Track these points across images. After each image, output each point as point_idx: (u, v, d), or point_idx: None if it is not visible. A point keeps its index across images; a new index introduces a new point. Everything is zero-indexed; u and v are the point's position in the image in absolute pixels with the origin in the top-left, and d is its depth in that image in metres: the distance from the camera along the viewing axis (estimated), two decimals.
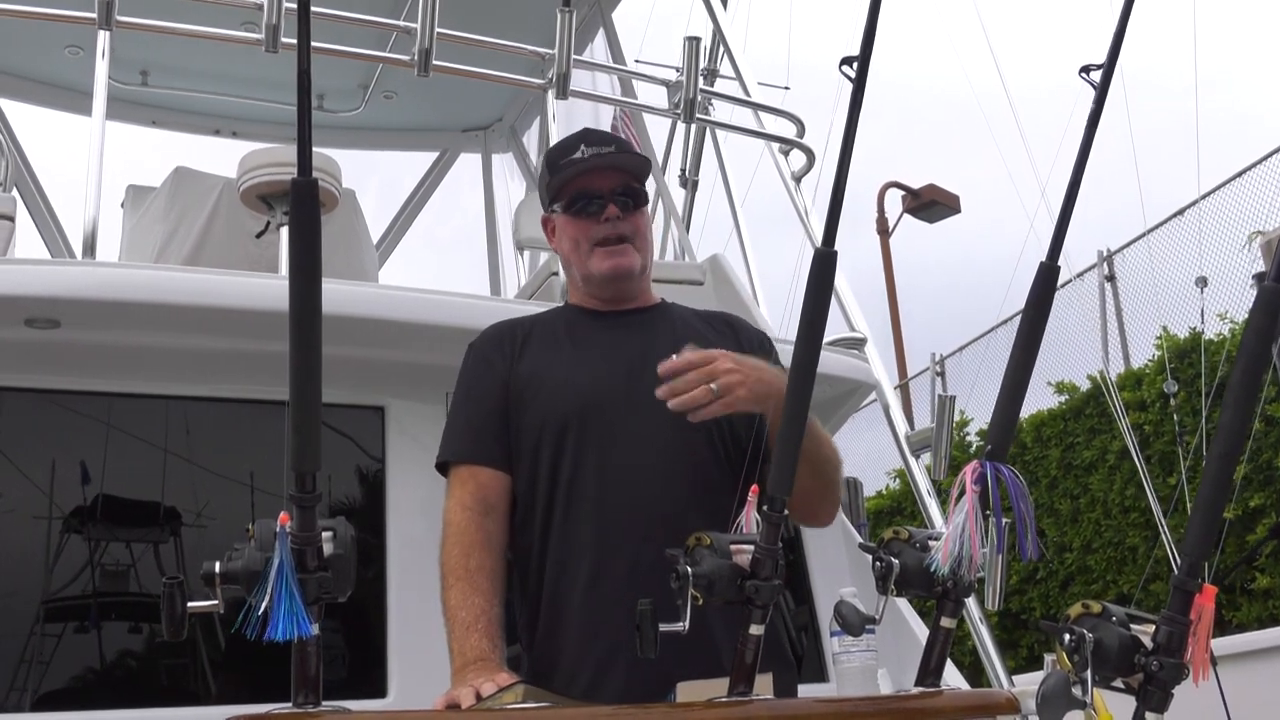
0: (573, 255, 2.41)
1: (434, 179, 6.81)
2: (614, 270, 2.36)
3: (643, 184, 2.42)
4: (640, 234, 2.40)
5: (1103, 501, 8.46)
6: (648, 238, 2.44)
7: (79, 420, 3.14)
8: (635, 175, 2.40)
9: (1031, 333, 1.91)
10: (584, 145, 2.39)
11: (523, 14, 5.05)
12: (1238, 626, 7.05)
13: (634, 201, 2.38)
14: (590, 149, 2.38)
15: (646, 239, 2.44)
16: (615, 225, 2.34)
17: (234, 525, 1.65)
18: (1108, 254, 10.27)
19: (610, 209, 2.34)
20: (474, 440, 2.32)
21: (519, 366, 2.34)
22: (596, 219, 2.35)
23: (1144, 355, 9.02)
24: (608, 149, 2.39)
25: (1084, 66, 1.86)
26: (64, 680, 2.95)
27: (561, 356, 2.35)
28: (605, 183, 2.36)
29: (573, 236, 2.39)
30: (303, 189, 1.52)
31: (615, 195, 2.35)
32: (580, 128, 2.59)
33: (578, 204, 2.37)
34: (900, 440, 4.04)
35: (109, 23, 3.45)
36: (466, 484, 2.26)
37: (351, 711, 1.59)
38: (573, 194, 2.37)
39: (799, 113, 4.70)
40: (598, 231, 2.35)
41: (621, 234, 2.35)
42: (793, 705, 1.97)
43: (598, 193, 2.35)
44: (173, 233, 4.35)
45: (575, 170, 2.37)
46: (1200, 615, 1.61)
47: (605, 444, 2.24)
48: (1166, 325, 8.42)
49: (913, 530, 1.88)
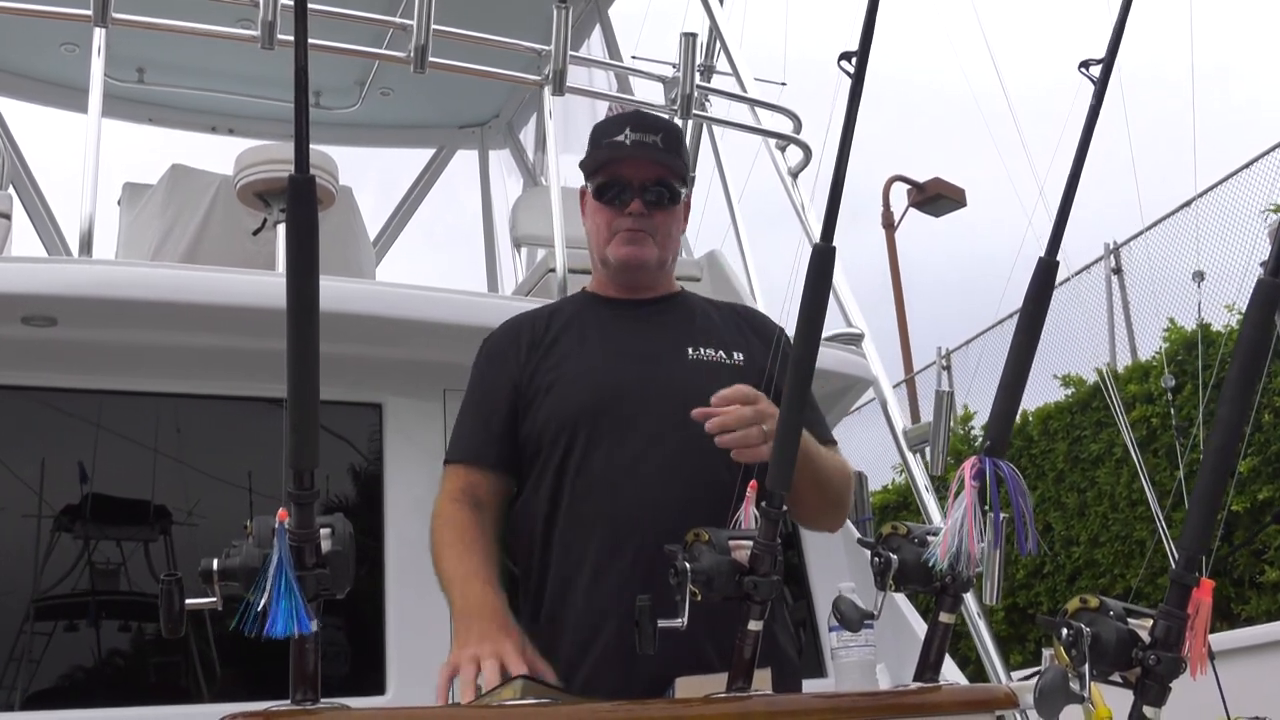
0: (595, 238, 2.42)
1: (431, 176, 6.80)
2: (627, 258, 2.36)
3: (678, 179, 2.38)
4: (664, 230, 2.38)
5: (1110, 495, 8.44)
6: (673, 235, 2.42)
7: (76, 418, 3.13)
8: (671, 168, 2.37)
9: (1031, 328, 1.91)
10: (629, 129, 2.35)
11: (519, 10, 5.05)
12: (1246, 620, 7.03)
13: (663, 199, 2.35)
14: (635, 134, 2.34)
15: (671, 236, 2.41)
16: (638, 220, 2.34)
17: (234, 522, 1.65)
18: (1114, 246, 10.25)
19: (635, 204, 2.33)
20: (469, 440, 2.34)
21: (532, 361, 2.34)
22: (621, 210, 2.35)
23: (1151, 347, 9.01)
24: (652, 137, 2.34)
25: (1083, 61, 1.87)
26: (55, 678, 2.95)
27: (576, 349, 2.35)
28: (638, 174, 2.34)
29: (597, 221, 2.39)
30: (300, 186, 1.52)
31: (645, 189, 2.33)
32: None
33: (607, 192, 2.36)
34: (898, 436, 4.05)
35: (105, 20, 3.45)
36: (456, 481, 2.29)
37: (350, 708, 1.59)
38: (604, 179, 2.37)
39: (796, 108, 4.70)
40: (620, 223, 2.35)
41: (643, 227, 2.35)
42: (791, 701, 1.97)
43: (627, 183, 2.34)
44: (169, 230, 4.34)
45: (608, 155, 2.35)
46: (1198, 609, 1.61)
47: (615, 439, 2.23)
48: (1173, 317, 8.41)
49: (911, 526, 1.88)
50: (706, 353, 2.33)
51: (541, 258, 4.43)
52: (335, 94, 6.15)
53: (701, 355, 2.32)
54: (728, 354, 2.35)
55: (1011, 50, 10.72)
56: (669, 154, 2.37)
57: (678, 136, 2.46)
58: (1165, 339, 8.36)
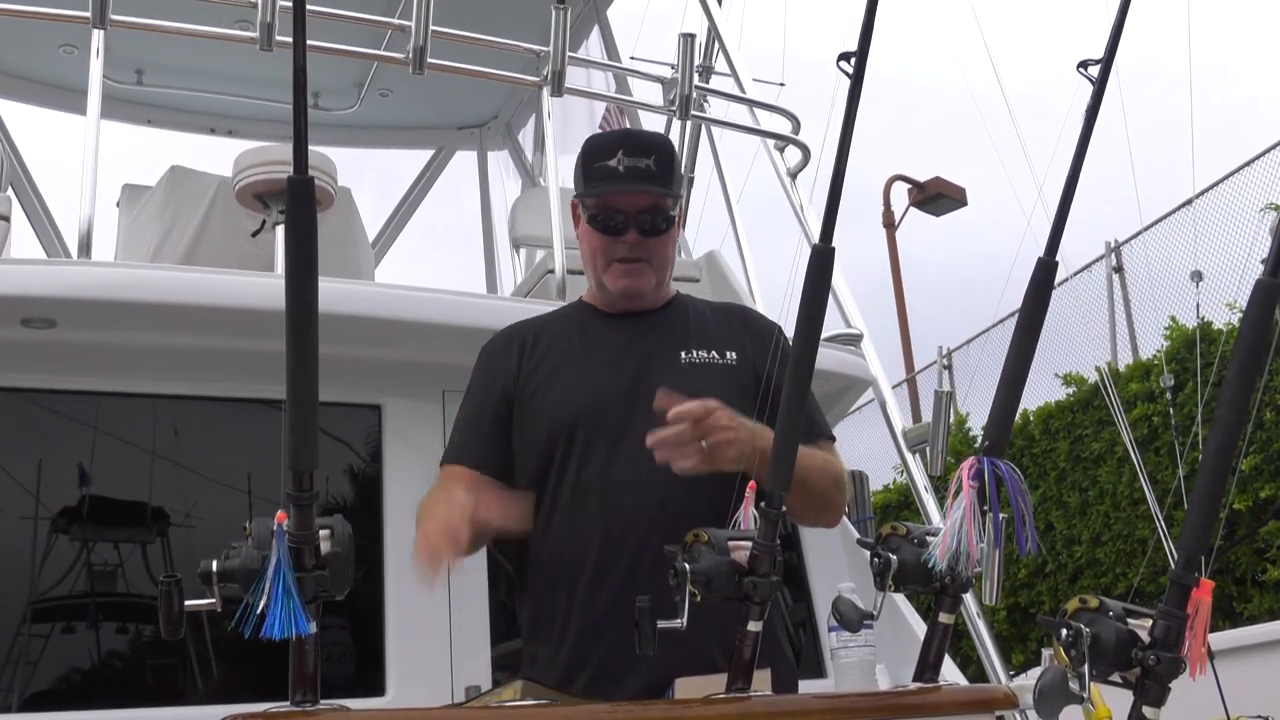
0: (590, 262, 2.40)
1: (429, 177, 6.80)
2: (626, 290, 2.35)
3: (671, 203, 2.34)
4: (659, 255, 2.35)
5: (1112, 494, 8.41)
6: (669, 256, 2.40)
7: (76, 420, 3.13)
8: (664, 193, 2.32)
9: (1030, 328, 1.91)
10: (622, 152, 2.31)
11: (517, 11, 5.05)
12: (1249, 618, 7.01)
13: (657, 226, 2.32)
14: (628, 160, 2.30)
15: (667, 258, 2.39)
16: (633, 249, 2.32)
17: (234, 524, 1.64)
18: (1115, 245, 10.22)
19: (630, 234, 2.31)
20: (462, 446, 2.36)
21: (527, 369, 2.35)
22: (616, 239, 2.32)
23: (1153, 346, 8.98)
24: (645, 161, 2.30)
25: (1081, 61, 1.86)
26: (53, 680, 2.94)
27: (571, 359, 2.35)
28: (633, 204, 2.30)
29: (592, 247, 2.36)
30: (299, 187, 1.52)
31: (639, 217, 2.30)
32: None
33: (600, 219, 2.32)
34: (897, 436, 4.05)
35: (103, 21, 3.45)
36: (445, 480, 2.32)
37: (350, 710, 1.59)
38: (597, 207, 2.33)
39: (794, 108, 4.70)
40: (616, 250, 2.33)
41: (639, 256, 2.33)
42: (791, 701, 1.97)
43: (622, 211, 2.30)
44: (168, 232, 4.34)
45: (601, 188, 2.32)
46: (1197, 609, 1.61)
47: (610, 446, 2.24)
48: (1175, 315, 8.40)
49: (911, 526, 1.88)
50: (699, 354, 2.33)
51: (540, 259, 4.43)
52: (334, 95, 6.15)
53: (695, 358, 2.32)
54: (720, 353, 2.35)
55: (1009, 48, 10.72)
56: (662, 178, 2.32)
57: (670, 154, 2.39)
58: (1167, 336, 8.34)
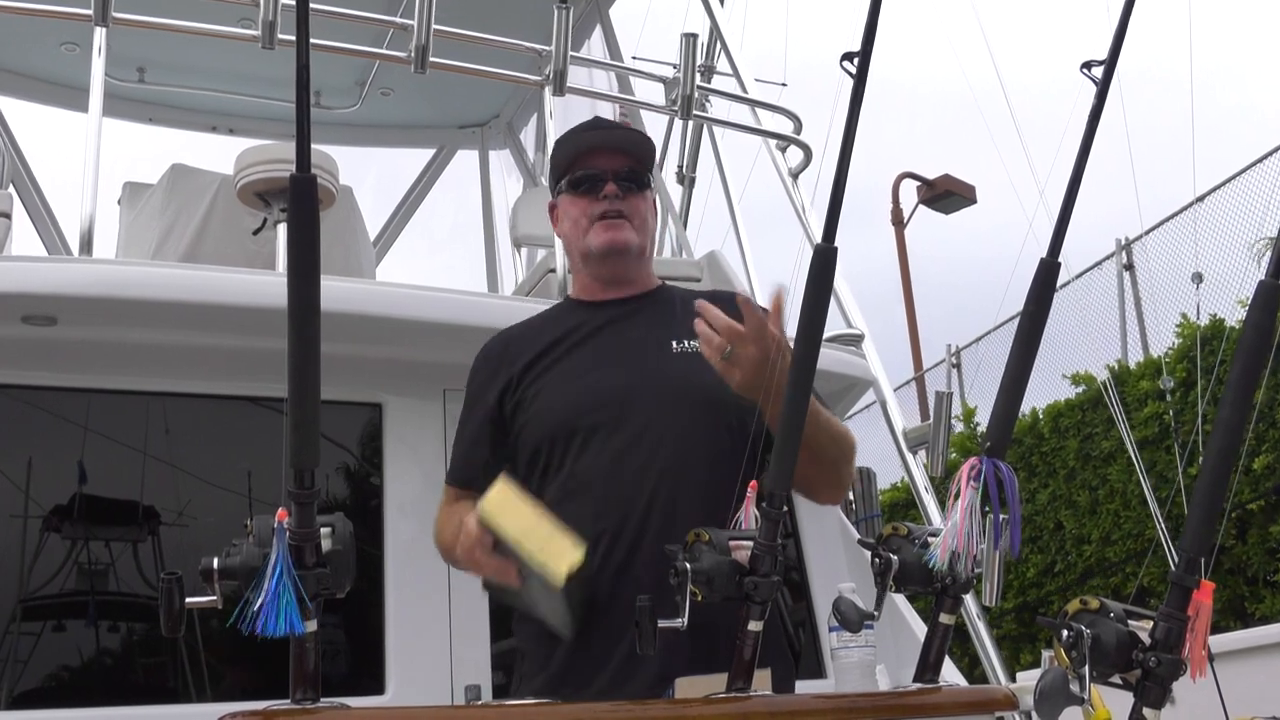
0: (573, 234, 2.43)
1: (431, 176, 6.80)
2: (610, 243, 2.37)
3: (646, 168, 2.46)
4: (639, 215, 2.42)
5: (1121, 492, 8.38)
6: (648, 221, 2.46)
7: (76, 418, 3.13)
8: (638, 158, 2.44)
9: (1032, 329, 1.91)
10: (593, 128, 2.51)
11: (520, 11, 5.05)
12: (1261, 619, 6.99)
13: (635, 184, 2.40)
14: (601, 133, 2.49)
15: (646, 222, 2.45)
16: (614, 203, 2.37)
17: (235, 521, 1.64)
18: (1126, 242, 10.17)
19: (609, 187, 2.37)
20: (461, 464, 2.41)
21: (516, 375, 2.36)
22: (596, 196, 2.38)
23: (1163, 344, 8.96)
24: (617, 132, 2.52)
25: (1085, 63, 1.86)
26: (44, 678, 2.94)
27: (563, 357, 2.36)
28: (608, 163, 2.40)
29: (574, 215, 2.42)
30: (301, 185, 1.52)
31: (616, 176, 2.38)
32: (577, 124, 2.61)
33: (580, 184, 2.40)
34: (897, 437, 4.04)
35: (105, 19, 3.45)
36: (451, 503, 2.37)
37: (350, 708, 1.59)
38: (575, 174, 2.42)
39: (796, 108, 4.70)
40: (596, 208, 2.38)
41: (620, 210, 2.38)
42: (791, 701, 1.97)
43: (598, 171, 2.39)
44: (169, 229, 4.35)
45: (576, 148, 2.43)
46: (1198, 611, 1.61)
47: (606, 437, 2.24)
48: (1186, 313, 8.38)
49: (912, 526, 1.88)
50: (690, 344, 2.33)
51: (541, 258, 4.43)
52: (335, 94, 6.15)
53: (686, 347, 2.33)
54: None
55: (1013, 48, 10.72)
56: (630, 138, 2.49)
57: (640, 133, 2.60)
58: (1178, 334, 8.32)
